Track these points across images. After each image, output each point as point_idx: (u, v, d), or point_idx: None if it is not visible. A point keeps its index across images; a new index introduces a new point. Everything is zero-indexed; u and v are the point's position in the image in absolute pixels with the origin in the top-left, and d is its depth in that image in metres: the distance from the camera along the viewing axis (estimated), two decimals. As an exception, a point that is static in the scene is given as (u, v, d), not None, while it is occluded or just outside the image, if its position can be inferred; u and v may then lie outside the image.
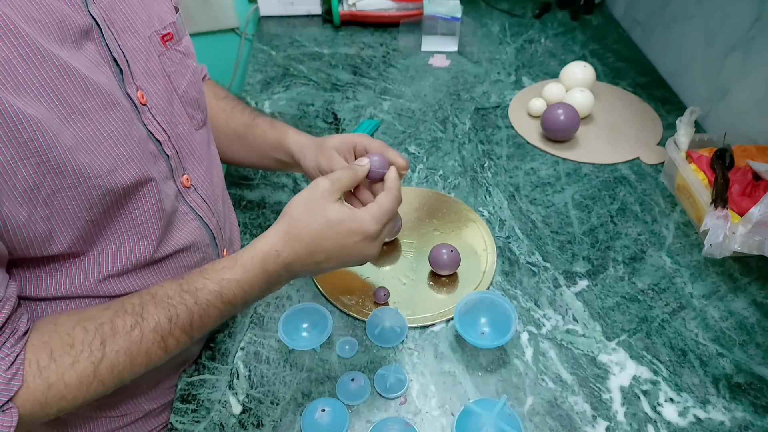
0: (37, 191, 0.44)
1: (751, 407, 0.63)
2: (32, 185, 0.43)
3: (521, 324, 0.71)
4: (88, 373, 0.47)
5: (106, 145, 0.48)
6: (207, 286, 0.52)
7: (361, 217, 0.54)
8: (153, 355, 0.50)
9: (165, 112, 0.57)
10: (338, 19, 1.31)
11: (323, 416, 0.60)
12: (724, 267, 0.78)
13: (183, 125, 0.60)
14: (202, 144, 0.64)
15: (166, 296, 0.51)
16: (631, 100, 1.09)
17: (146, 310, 0.50)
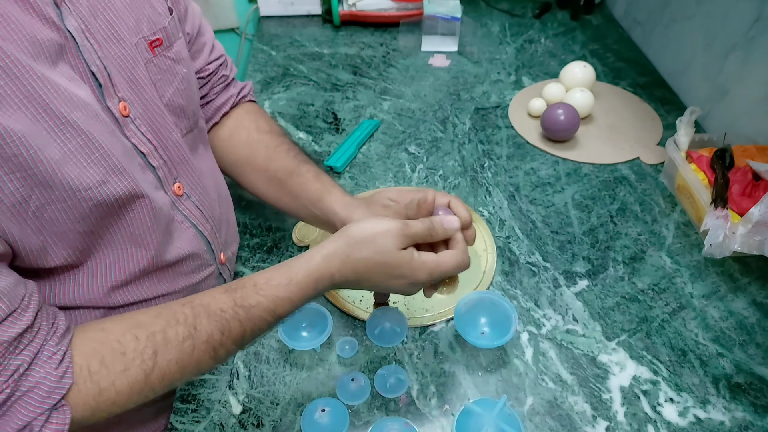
0: (26, 205, 0.43)
1: (751, 407, 0.63)
2: (20, 199, 0.43)
3: (521, 324, 0.71)
4: (140, 381, 0.47)
5: (97, 155, 0.47)
6: (261, 304, 0.51)
7: (417, 267, 0.54)
8: (203, 364, 0.50)
9: (150, 122, 0.55)
10: (338, 19, 1.31)
11: (323, 416, 0.60)
12: (724, 267, 0.78)
13: (170, 134, 0.58)
14: (192, 149, 0.63)
15: (219, 309, 0.50)
16: (631, 100, 1.09)
17: (199, 322, 0.49)
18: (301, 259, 0.54)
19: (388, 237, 0.53)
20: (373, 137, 1.02)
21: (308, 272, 0.53)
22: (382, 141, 1.01)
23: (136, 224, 0.53)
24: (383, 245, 0.53)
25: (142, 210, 0.52)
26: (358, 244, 0.53)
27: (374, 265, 0.53)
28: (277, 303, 0.52)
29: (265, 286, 0.52)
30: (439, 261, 0.55)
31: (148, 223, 0.53)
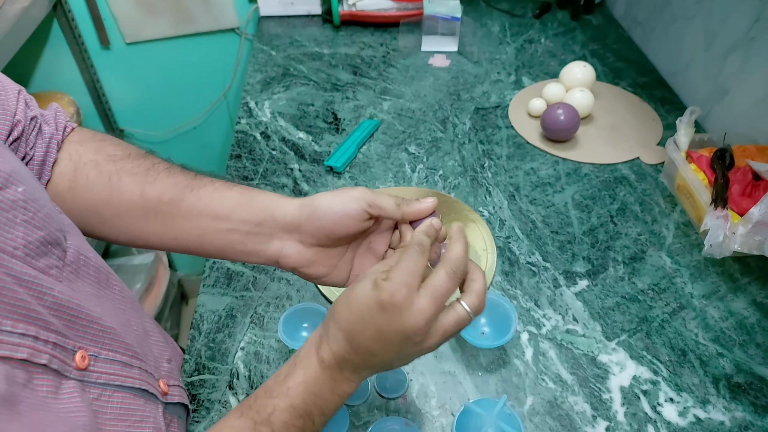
0: None
1: (751, 407, 0.63)
2: None
3: (521, 324, 0.71)
4: None
5: None
6: (278, 406, 0.45)
7: (381, 285, 0.43)
8: None
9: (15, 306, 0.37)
10: (338, 19, 1.31)
11: (323, 416, 0.60)
12: (724, 267, 0.78)
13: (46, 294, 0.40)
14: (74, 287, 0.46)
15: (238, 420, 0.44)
16: (631, 100, 1.09)
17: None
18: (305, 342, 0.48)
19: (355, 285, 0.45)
20: (373, 137, 1.02)
21: (306, 347, 0.47)
22: (382, 141, 1.01)
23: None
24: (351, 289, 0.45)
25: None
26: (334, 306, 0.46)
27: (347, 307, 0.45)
28: (290, 395, 0.45)
29: (273, 386, 0.46)
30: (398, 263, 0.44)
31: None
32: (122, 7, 1.33)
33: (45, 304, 0.40)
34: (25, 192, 0.42)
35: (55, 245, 0.44)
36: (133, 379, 0.48)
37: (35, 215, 0.42)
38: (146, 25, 1.37)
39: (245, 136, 1.02)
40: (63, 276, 0.44)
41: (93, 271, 0.49)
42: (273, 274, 0.78)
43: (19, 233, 0.40)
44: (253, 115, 1.07)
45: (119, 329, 0.48)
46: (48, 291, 0.41)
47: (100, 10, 1.32)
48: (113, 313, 0.50)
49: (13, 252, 0.40)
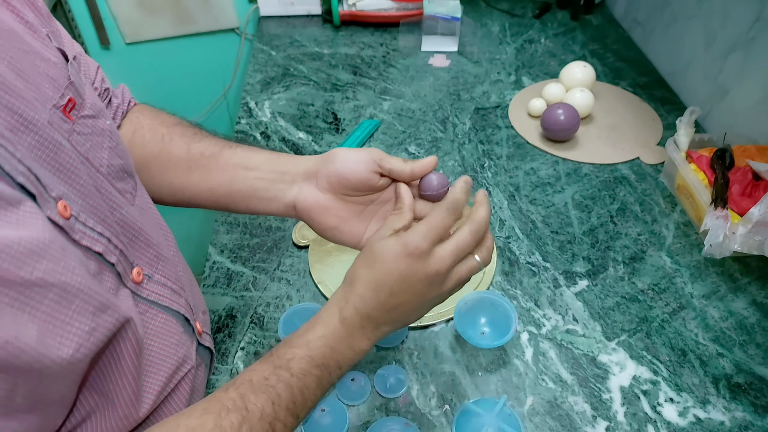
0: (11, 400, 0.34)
1: (751, 407, 0.63)
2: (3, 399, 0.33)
3: (521, 324, 0.71)
4: None
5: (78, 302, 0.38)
6: (297, 354, 0.48)
7: (405, 236, 0.48)
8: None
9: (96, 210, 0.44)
10: (338, 19, 1.31)
11: (323, 416, 0.60)
12: (724, 267, 0.78)
13: (118, 209, 0.48)
14: (143, 215, 0.53)
15: (263, 378, 0.47)
16: (631, 100, 1.09)
17: (248, 401, 0.45)
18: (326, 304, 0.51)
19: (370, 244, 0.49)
20: (373, 137, 1.02)
21: (327, 306, 0.50)
22: (382, 141, 1.01)
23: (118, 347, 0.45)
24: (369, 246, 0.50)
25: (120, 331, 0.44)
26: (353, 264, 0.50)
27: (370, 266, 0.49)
28: (310, 347, 0.48)
29: (294, 337, 0.49)
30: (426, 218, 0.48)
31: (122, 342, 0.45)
32: (122, 7, 1.33)
33: (116, 218, 0.47)
34: (111, 126, 0.51)
35: (129, 175, 0.52)
36: (179, 305, 0.54)
37: (117, 146, 0.51)
38: (146, 25, 1.38)
39: (245, 136, 1.02)
40: (134, 202, 0.52)
41: (153, 212, 0.57)
42: (273, 274, 0.78)
43: (105, 156, 0.48)
44: (253, 115, 1.07)
45: (172, 261, 0.56)
46: (120, 208, 0.48)
47: (100, 10, 1.32)
48: (167, 249, 0.57)
49: (99, 168, 0.47)
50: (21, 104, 0.39)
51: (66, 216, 0.40)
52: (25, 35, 0.44)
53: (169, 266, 0.54)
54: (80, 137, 0.46)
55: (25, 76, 0.41)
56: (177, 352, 0.53)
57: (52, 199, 0.39)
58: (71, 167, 0.43)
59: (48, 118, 0.42)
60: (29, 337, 0.34)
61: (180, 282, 0.55)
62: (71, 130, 0.45)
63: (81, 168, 0.44)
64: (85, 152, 0.46)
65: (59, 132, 0.43)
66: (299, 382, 0.47)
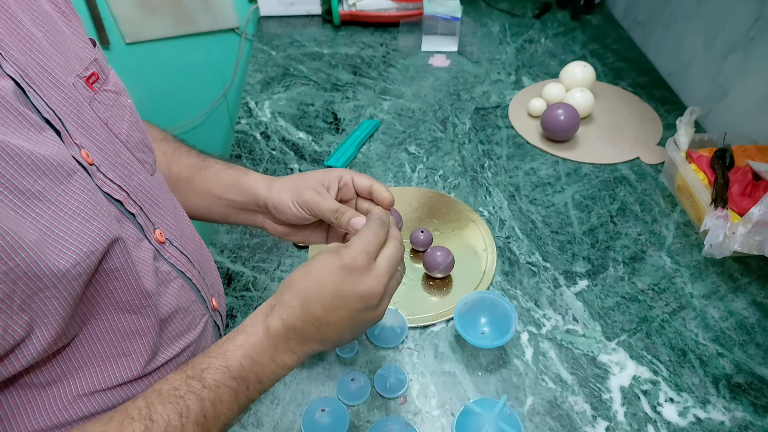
0: (10, 300, 0.37)
1: (751, 407, 0.63)
2: (3, 296, 0.36)
3: (521, 324, 0.71)
4: None
5: (76, 224, 0.40)
6: (212, 365, 0.46)
7: (342, 251, 0.48)
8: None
9: (115, 166, 0.48)
10: (338, 19, 1.31)
11: (323, 416, 0.60)
12: (724, 267, 0.78)
13: (138, 174, 0.51)
14: (162, 189, 0.57)
15: (172, 389, 0.45)
16: (631, 100, 1.09)
17: (154, 411, 0.44)
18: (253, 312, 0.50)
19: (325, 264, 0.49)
20: (373, 137, 1.02)
21: (252, 315, 0.49)
22: (382, 141, 1.01)
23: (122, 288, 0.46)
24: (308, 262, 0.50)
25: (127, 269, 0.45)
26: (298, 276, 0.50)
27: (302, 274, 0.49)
28: (227, 357, 0.46)
29: (213, 347, 0.48)
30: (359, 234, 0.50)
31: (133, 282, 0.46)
32: (122, 7, 1.33)
33: (135, 183, 0.50)
34: (132, 106, 0.54)
35: (149, 151, 0.56)
36: (192, 275, 0.56)
37: (137, 123, 0.54)
38: (146, 25, 1.37)
39: (245, 136, 1.02)
40: (153, 173, 0.55)
41: (170, 195, 0.60)
42: (273, 274, 0.78)
43: (125, 127, 0.51)
44: (253, 115, 1.07)
45: (189, 234, 0.59)
46: (139, 173, 0.52)
47: (100, 10, 1.32)
48: (185, 223, 0.60)
49: (118, 135, 0.50)
50: (51, 65, 0.44)
51: (89, 162, 0.45)
52: (59, 20, 0.48)
53: (184, 237, 0.58)
54: (101, 106, 0.49)
55: (56, 47, 0.46)
56: (186, 317, 0.55)
57: (76, 146, 0.44)
58: (92, 127, 0.47)
59: (72, 81, 0.46)
60: (28, 238, 0.37)
61: (194, 254, 0.58)
62: (92, 98, 0.48)
63: (101, 131, 0.48)
64: (106, 119, 0.49)
65: (82, 96, 0.47)
66: (212, 394, 0.45)
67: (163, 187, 0.57)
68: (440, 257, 0.73)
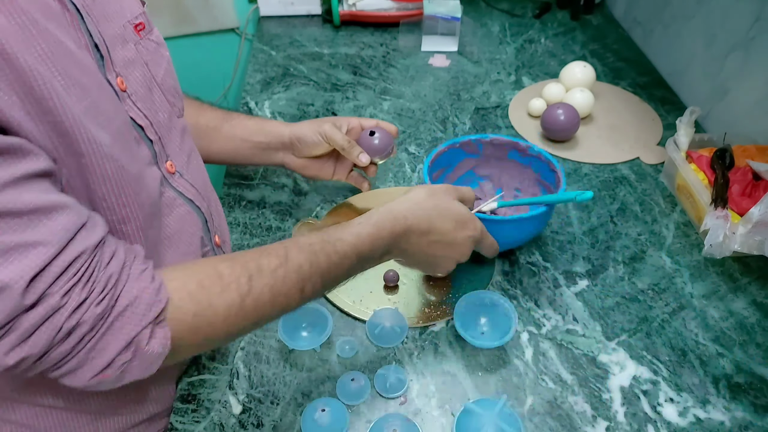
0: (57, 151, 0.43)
1: (751, 407, 0.63)
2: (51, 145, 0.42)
3: (521, 324, 0.71)
4: (236, 304, 0.48)
5: (103, 119, 0.47)
6: (345, 239, 0.56)
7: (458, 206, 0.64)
8: (291, 298, 0.52)
9: (145, 99, 0.56)
10: (338, 19, 1.31)
11: (323, 416, 0.60)
12: (724, 267, 0.78)
13: (163, 113, 0.59)
14: (183, 133, 0.65)
15: (308, 243, 0.54)
16: (631, 100, 1.09)
17: (290, 253, 0.53)
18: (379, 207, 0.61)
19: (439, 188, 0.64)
20: (373, 137, 1.02)
21: (384, 210, 0.60)
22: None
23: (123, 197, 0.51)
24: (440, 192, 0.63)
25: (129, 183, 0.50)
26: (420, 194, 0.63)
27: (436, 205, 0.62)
28: (358, 238, 0.56)
29: (347, 225, 0.58)
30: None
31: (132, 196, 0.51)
32: (122, 7, 1.33)
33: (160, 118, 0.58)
34: (169, 58, 0.62)
35: (179, 97, 0.63)
36: (200, 204, 0.63)
37: (172, 73, 0.63)
38: (146, 25, 1.37)
39: (245, 136, 1.02)
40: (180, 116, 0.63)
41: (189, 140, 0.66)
42: (273, 274, 0.78)
43: (161, 72, 0.59)
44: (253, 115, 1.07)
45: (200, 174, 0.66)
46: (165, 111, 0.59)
47: (100, 10, 1.32)
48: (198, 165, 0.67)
49: (155, 76, 0.58)
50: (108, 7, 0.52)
51: (122, 89, 0.52)
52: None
53: (199, 177, 0.65)
54: (144, 50, 0.57)
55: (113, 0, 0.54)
56: (189, 242, 0.61)
57: (114, 72, 0.52)
58: (134, 61, 0.55)
59: (123, 24, 0.54)
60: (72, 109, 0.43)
61: (204, 192, 0.65)
62: (137, 42, 0.56)
63: (140, 68, 0.56)
64: (146, 61, 0.57)
65: (129, 37, 0.55)
66: (338, 259, 0.55)
67: (185, 131, 0.65)
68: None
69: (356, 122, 0.79)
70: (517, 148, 0.81)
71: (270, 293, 0.50)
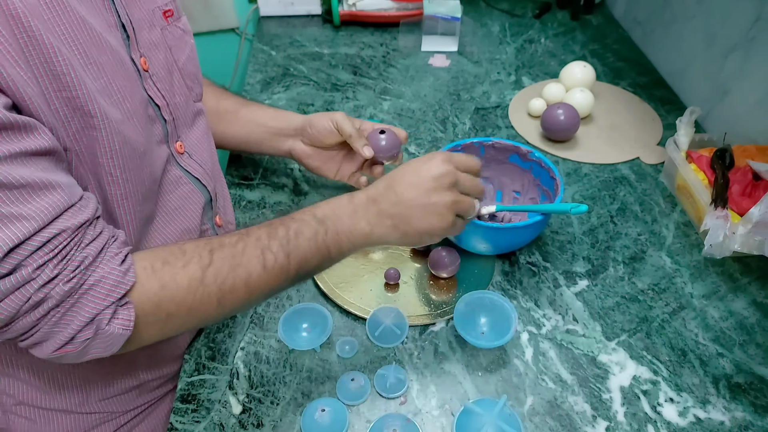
0: (67, 126, 0.46)
1: (751, 407, 0.63)
2: (62, 120, 0.45)
3: (521, 324, 0.71)
4: (197, 277, 0.50)
5: (117, 97, 0.50)
6: (302, 211, 0.58)
7: (431, 156, 0.59)
8: (252, 271, 0.53)
9: (165, 81, 0.59)
10: (338, 19, 1.31)
11: (323, 416, 0.60)
12: (724, 267, 0.78)
13: (180, 96, 0.62)
14: (198, 117, 0.68)
15: (267, 222, 0.56)
16: (631, 100, 1.09)
17: (250, 230, 0.55)
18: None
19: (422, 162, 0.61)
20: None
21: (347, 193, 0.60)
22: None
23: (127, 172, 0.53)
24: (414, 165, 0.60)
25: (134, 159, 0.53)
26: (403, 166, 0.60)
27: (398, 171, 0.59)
28: (315, 207, 0.58)
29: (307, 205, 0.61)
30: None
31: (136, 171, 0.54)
32: (122, 7, 1.33)
33: (177, 101, 0.61)
34: (193, 45, 0.67)
35: (199, 84, 0.68)
36: (208, 183, 0.66)
37: (194, 59, 0.67)
38: (146, 25, 1.37)
39: (245, 136, 1.02)
40: (197, 101, 0.67)
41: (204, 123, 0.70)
42: (273, 274, 0.78)
43: (183, 58, 0.64)
44: (253, 115, 1.07)
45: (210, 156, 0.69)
46: (182, 95, 0.63)
47: (100, 10, 1.32)
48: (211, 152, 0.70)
49: (176, 61, 0.62)
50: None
51: (145, 68, 0.56)
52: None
53: (208, 158, 0.68)
54: (170, 35, 0.61)
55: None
56: (193, 217, 0.64)
57: (139, 52, 0.55)
58: (158, 44, 0.58)
59: (153, 8, 0.58)
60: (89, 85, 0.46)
61: (213, 173, 0.68)
62: (164, 27, 0.60)
63: (164, 51, 0.59)
64: (170, 45, 0.61)
65: (157, 22, 0.59)
66: (295, 224, 0.56)
67: (200, 115, 0.68)
68: (447, 258, 0.73)
69: (369, 125, 0.80)
70: (518, 152, 0.80)
71: (229, 265, 0.52)
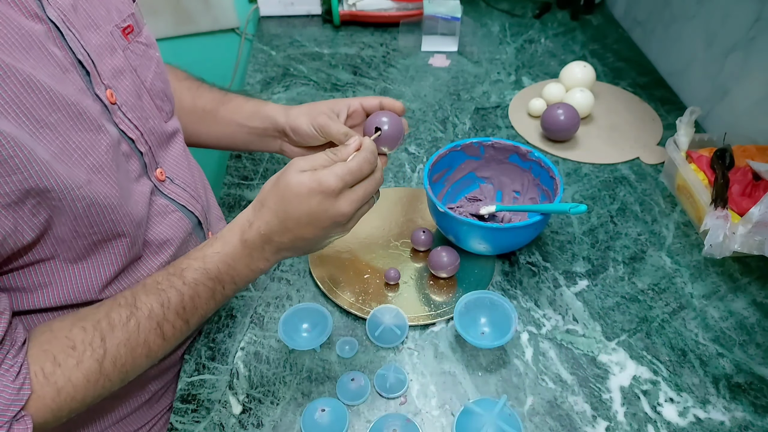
0: (22, 204, 0.43)
1: (751, 407, 0.63)
2: (16, 200, 0.43)
3: (521, 324, 0.71)
4: (94, 371, 0.48)
5: (77, 156, 0.47)
6: (192, 265, 0.53)
7: (321, 174, 0.51)
8: (152, 344, 0.51)
9: (135, 108, 0.56)
10: (338, 19, 1.31)
11: (323, 416, 0.60)
12: (724, 267, 0.78)
13: (153, 119, 0.59)
14: (173, 135, 0.65)
15: (155, 282, 0.52)
16: (631, 100, 1.09)
17: (138, 300, 0.51)
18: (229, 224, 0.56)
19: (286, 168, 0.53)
20: (373, 137, 1.02)
21: (230, 226, 0.55)
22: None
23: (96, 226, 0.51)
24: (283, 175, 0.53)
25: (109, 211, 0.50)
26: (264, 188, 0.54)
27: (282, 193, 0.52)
28: (206, 260, 0.53)
29: (193, 250, 0.55)
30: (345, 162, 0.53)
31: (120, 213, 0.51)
32: (122, 7, 1.33)
33: (150, 125, 0.58)
34: (159, 57, 0.64)
35: (168, 100, 0.64)
36: (194, 208, 0.64)
37: (161, 74, 0.63)
38: (146, 25, 1.37)
39: (245, 136, 1.02)
40: (168, 121, 0.63)
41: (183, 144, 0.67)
42: (273, 274, 0.78)
43: (150, 75, 0.60)
44: (253, 115, 1.07)
45: (195, 178, 0.66)
46: (154, 118, 0.59)
47: (100, 10, 1.32)
48: (192, 168, 0.67)
49: (143, 81, 0.58)
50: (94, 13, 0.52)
51: (112, 102, 0.52)
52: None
53: (190, 178, 0.65)
54: (132, 54, 0.57)
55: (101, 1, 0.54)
56: (183, 247, 0.62)
57: (103, 85, 0.52)
58: (122, 70, 0.55)
59: (110, 29, 0.54)
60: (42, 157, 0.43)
61: (199, 194, 0.65)
62: (126, 47, 0.56)
63: (129, 76, 0.56)
64: (135, 66, 0.57)
65: (117, 44, 0.55)
66: (190, 290, 0.52)
67: (175, 134, 0.65)
68: (447, 258, 0.74)
69: (357, 104, 0.69)
70: (518, 152, 0.81)
71: (127, 347, 0.49)
